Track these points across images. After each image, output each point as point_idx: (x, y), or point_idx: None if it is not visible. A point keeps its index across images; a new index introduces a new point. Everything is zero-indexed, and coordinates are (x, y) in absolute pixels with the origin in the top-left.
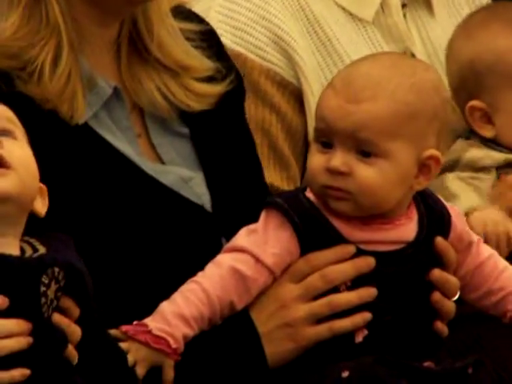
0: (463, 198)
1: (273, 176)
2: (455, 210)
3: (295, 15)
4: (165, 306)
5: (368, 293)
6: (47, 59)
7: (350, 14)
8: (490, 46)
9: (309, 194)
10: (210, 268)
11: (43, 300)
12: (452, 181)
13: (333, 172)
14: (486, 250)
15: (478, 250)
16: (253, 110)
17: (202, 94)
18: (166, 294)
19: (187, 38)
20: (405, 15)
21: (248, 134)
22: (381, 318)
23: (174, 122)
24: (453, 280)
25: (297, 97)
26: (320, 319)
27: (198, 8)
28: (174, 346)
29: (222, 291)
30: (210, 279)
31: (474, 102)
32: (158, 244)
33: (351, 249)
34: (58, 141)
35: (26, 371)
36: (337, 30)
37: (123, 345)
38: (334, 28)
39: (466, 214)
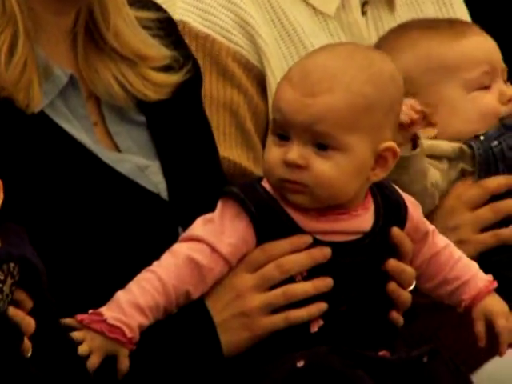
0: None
1: (240, 156)
2: (411, 200)
3: (259, 2)
4: (120, 295)
5: (324, 283)
6: (3, 48)
7: (313, 8)
8: (417, 51)
9: (265, 184)
10: (166, 257)
11: None
12: None
13: (289, 165)
14: (442, 240)
15: (434, 239)
16: (221, 91)
17: (159, 84)
18: (122, 283)
19: (144, 27)
20: (365, 12)
21: (205, 123)
22: (336, 308)
23: (130, 111)
24: (409, 270)
25: (260, 81)
26: (276, 309)
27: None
28: (129, 335)
29: (177, 280)
30: (165, 268)
31: (412, 102)
32: (114, 233)
33: (307, 239)
34: (13, 129)
35: None
36: (301, 20)
37: (78, 334)
38: (298, 19)
39: None
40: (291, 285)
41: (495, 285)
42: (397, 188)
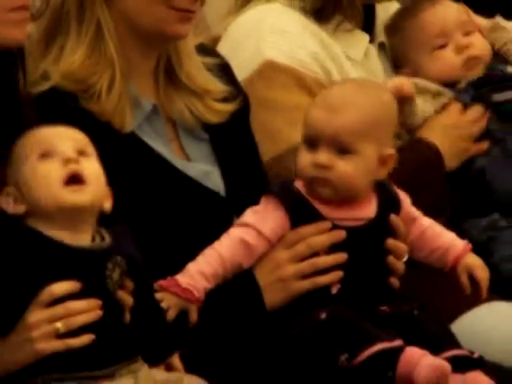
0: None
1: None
2: (403, 193)
3: (322, 46)
4: (190, 266)
5: (341, 257)
6: (104, 84)
7: (348, 56)
8: (397, 33)
9: (297, 184)
10: (224, 238)
11: (109, 281)
12: None
13: (319, 166)
14: (426, 221)
15: (420, 221)
16: (301, 99)
17: (219, 111)
18: (192, 259)
19: (208, 69)
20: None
21: (252, 139)
22: (350, 275)
23: (198, 130)
24: (402, 246)
25: None
26: (305, 276)
27: (250, 45)
28: (197, 295)
29: (232, 255)
30: (224, 246)
31: (404, 69)
32: (187, 221)
33: (328, 224)
34: (112, 146)
35: (92, 336)
36: (347, 64)
37: (159, 295)
38: (346, 64)
39: None
40: (317, 258)
41: (470, 246)
42: (392, 185)
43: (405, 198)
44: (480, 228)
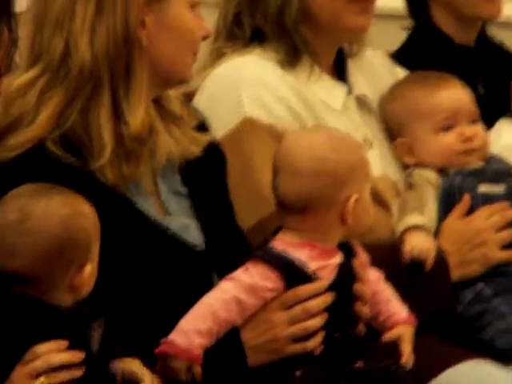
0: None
1: None
2: (357, 244)
3: (299, 100)
4: (184, 324)
5: (325, 317)
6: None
7: (327, 106)
8: (404, 101)
9: (278, 246)
10: (217, 294)
11: (91, 341)
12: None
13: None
14: (383, 285)
15: (377, 282)
16: None
17: (198, 140)
18: (173, 315)
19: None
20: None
21: (226, 189)
22: (332, 335)
23: (177, 185)
24: (368, 290)
25: None
26: (296, 339)
27: (228, 101)
28: (197, 353)
29: (226, 313)
30: (218, 303)
31: (400, 139)
32: (168, 275)
33: (324, 283)
34: (92, 198)
35: None
36: (325, 114)
37: (159, 364)
38: (324, 114)
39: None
40: (309, 321)
41: (414, 321)
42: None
43: (359, 250)
44: (466, 303)
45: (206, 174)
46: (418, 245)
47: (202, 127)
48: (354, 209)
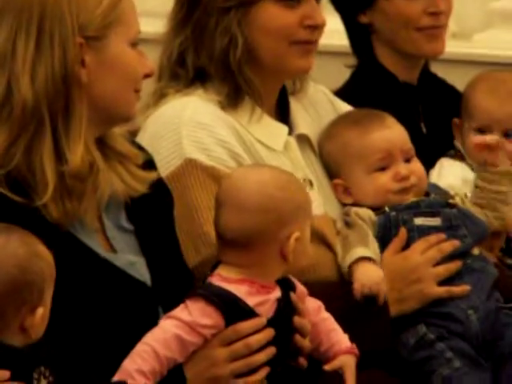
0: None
1: None
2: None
3: (239, 141)
4: (128, 365)
5: (271, 352)
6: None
7: (267, 146)
8: (339, 141)
9: (217, 282)
10: (158, 333)
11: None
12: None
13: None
14: (324, 314)
15: (318, 312)
16: None
17: (143, 178)
18: (119, 351)
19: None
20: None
21: (173, 226)
22: (274, 369)
23: (123, 221)
24: (307, 323)
25: None
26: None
27: (170, 143)
28: None
29: (167, 351)
30: (158, 342)
31: (337, 180)
32: (114, 311)
33: (263, 320)
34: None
35: None
36: (264, 154)
37: None
38: (261, 152)
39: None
40: (251, 357)
41: (356, 351)
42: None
43: (297, 282)
44: (409, 347)
45: (152, 210)
46: (368, 280)
47: (149, 164)
48: (294, 247)
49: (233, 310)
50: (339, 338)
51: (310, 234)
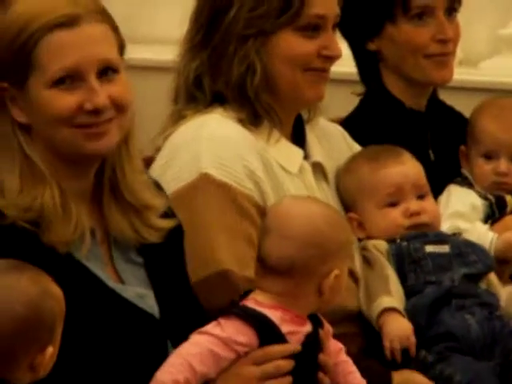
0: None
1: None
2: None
3: (258, 159)
4: (162, 377)
5: (288, 381)
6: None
7: (283, 168)
8: (354, 176)
9: (252, 305)
10: (192, 347)
11: None
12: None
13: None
14: (343, 356)
15: (339, 354)
16: (239, 225)
17: (159, 228)
18: (126, 380)
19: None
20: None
21: (183, 261)
22: None
23: (132, 254)
24: (330, 361)
25: (262, 215)
26: None
27: (187, 155)
28: None
29: (201, 366)
30: (193, 355)
31: (351, 214)
32: (123, 343)
33: (295, 347)
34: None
35: None
36: (282, 175)
37: None
38: (279, 172)
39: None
40: (281, 379)
41: None
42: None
43: (324, 321)
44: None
45: (162, 243)
46: (396, 335)
47: (170, 211)
48: (332, 283)
49: (267, 332)
50: (357, 381)
51: None
